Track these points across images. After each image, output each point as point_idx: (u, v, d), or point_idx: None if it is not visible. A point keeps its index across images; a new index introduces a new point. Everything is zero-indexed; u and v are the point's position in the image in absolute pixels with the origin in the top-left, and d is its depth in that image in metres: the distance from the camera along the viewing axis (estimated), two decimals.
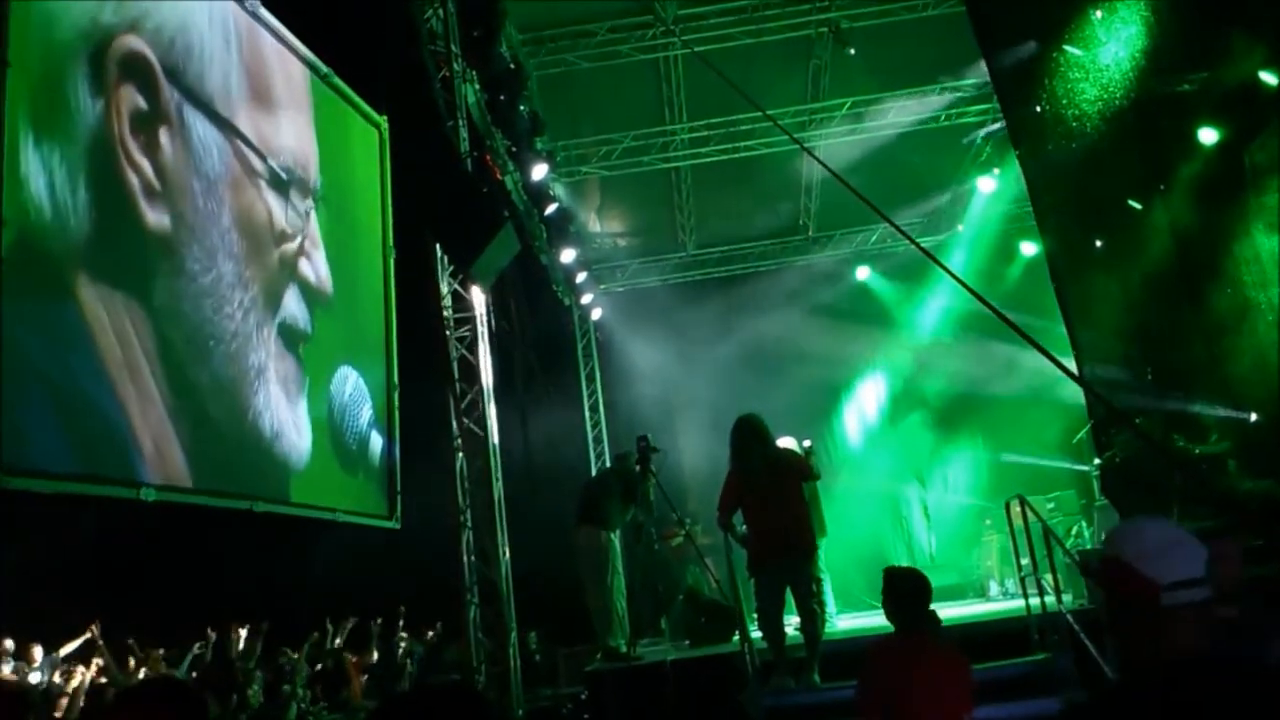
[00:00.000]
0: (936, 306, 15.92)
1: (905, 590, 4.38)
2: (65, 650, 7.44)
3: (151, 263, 6.74)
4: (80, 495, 5.90)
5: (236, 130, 7.93)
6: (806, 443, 9.19)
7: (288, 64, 9.03)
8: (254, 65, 8.38)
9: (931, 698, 4.13)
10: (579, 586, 8.22)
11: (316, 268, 9.11)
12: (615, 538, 8.12)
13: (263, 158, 8.29)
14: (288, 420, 8.29)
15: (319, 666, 8.96)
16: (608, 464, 15.72)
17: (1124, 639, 2.15)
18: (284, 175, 8.60)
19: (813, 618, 6.72)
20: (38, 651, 7.36)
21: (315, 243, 9.14)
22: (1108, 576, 2.15)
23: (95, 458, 6.09)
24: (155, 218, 6.73)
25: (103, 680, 6.92)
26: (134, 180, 6.58)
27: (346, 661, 9.24)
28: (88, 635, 7.29)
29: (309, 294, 8.92)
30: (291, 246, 8.70)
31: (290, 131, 8.91)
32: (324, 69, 9.61)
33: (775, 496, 6.81)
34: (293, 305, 8.63)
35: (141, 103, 6.71)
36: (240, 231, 7.81)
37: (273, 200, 8.42)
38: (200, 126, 7.40)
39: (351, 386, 9.60)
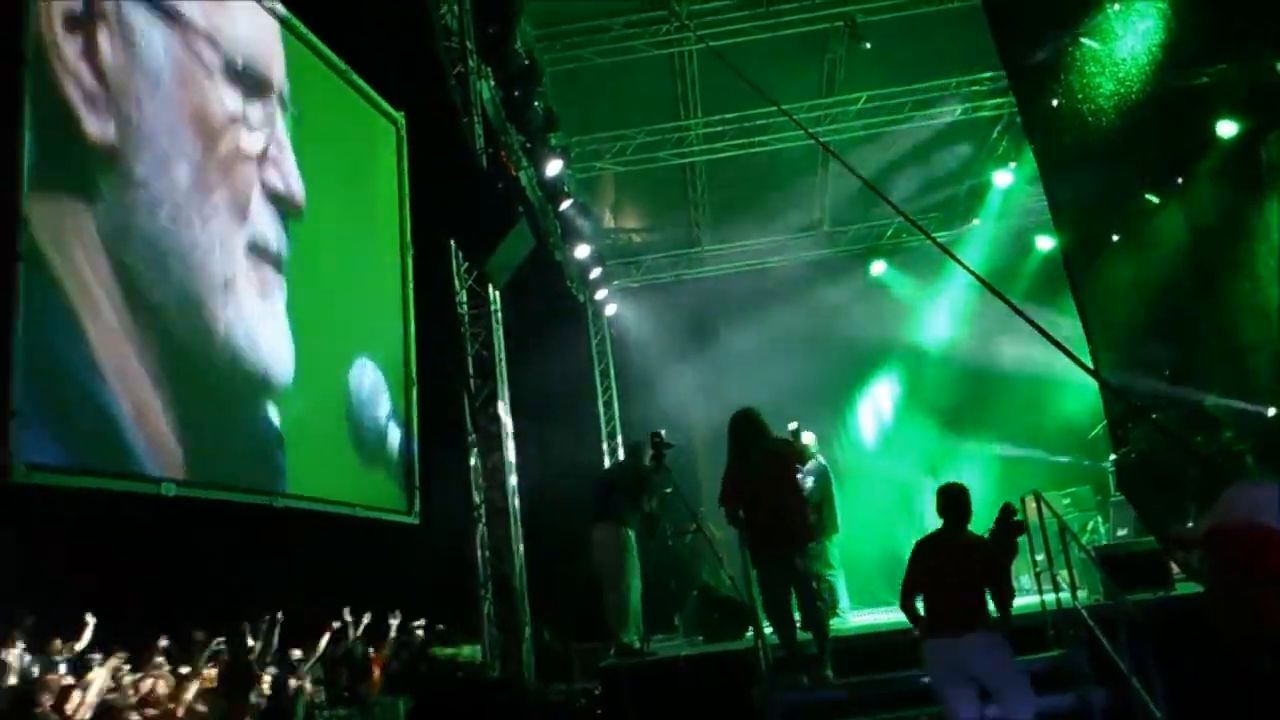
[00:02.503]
0: (952, 300, 15.86)
1: (941, 504, 5.76)
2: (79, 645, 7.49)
3: (98, 176, 6.30)
4: (95, 490, 5.92)
5: (181, 17, 7.32)
6: (792, 425, 9.16)
7: None
8: None
9: (948, 574, 5.54)
10: (594, 582, 8.22)
11: (286, 175, 8.52)
12: (633, 533, 8.12)
13: (214, 45, 7.67)
14: (264, 331, 7.86)
15: (335, 660, 9.01)
16: (621, 458, 15.75)
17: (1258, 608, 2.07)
18: (239, 65, 8.01)
19: (813, 615, 6.72)
20: (57, 644, 7.42)
21: (282, 147, 8.54)
22: (1245, 542, 2.11)
23: (80, 434, 5.88)
24: (99, 127, 6.28)
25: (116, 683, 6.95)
26: (72, 89, 6.12)
27: (369, 655, 9.29)
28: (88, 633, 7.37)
29: (278, 203, 8.34)
30: (253, 143, 8.10)
31: (246, 25, 8.34)
32: (341, 65, 9.62)
33: (771, 488, 6.83)
34: (262, 219, 8.07)
35: (73, 2, 6.24)
36: (193, 129, 7.24)
37: (227, 91, 7.80)
38: (140, 19, 6.81)
39: (369, 381, 9.61)
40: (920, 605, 5.74)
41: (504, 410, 10.02)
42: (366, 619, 9.80)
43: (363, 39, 9.58)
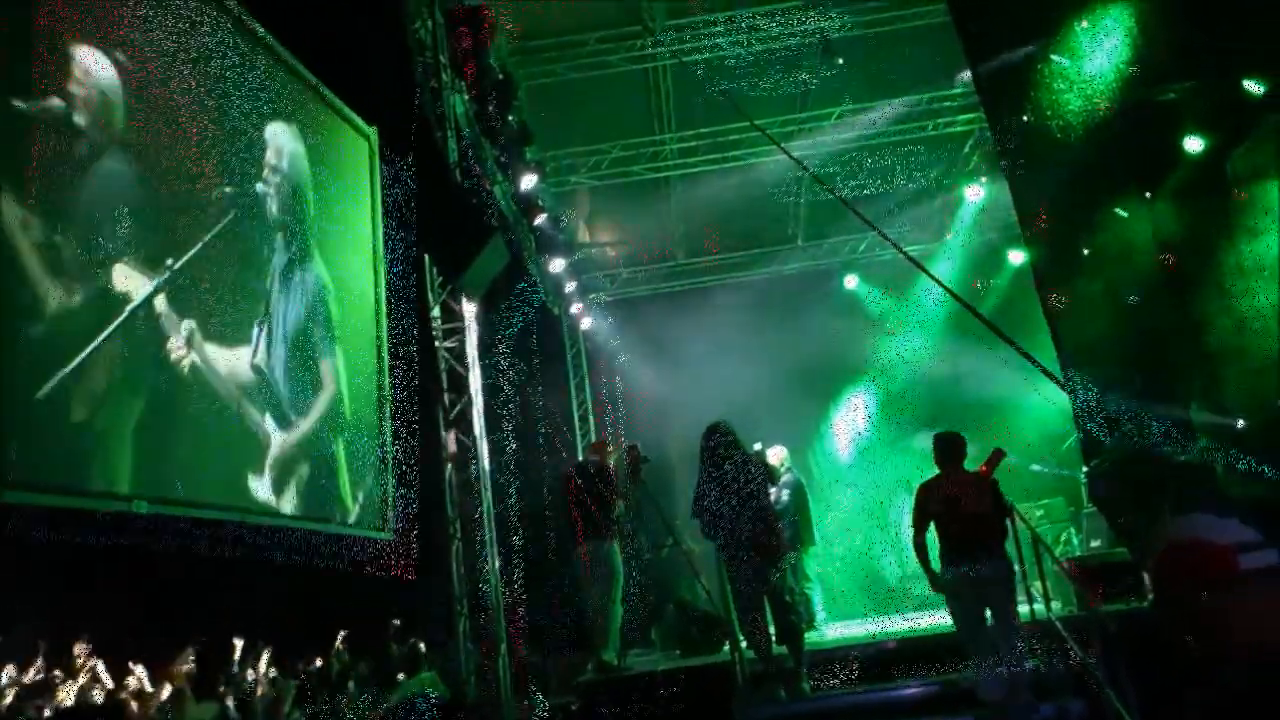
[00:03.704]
0: (924, 314, 15.96)
1: (937, 450, 6.62)
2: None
3: None
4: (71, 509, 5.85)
5: None
6: (756, 446, 9.23)
7: None
8: None
9: (952, 502, 6.35)
10: (574, 596, 8.21)
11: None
12: (616, 547, 8.13)
13: None
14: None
15: (310, 677, 8.92)
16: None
17: (1200, 617, 2.16)
18: None
19: (789, 629, 6.76)
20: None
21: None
22: (1177, 558, 2.21)
23: (56, 452, 5.91)
24: None
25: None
26: None
27: (345, 673, 9.22)
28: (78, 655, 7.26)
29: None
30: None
31: None
32: (312, 79, 9.58)
33: (744, 501, 6.89)
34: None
35: None
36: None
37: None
38: None
39: (345, 396, 9.54)
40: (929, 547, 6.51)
41: (478, 424, 9.98)
42: (341, 636, 9.73)
43: (335, 53, 9.54)
